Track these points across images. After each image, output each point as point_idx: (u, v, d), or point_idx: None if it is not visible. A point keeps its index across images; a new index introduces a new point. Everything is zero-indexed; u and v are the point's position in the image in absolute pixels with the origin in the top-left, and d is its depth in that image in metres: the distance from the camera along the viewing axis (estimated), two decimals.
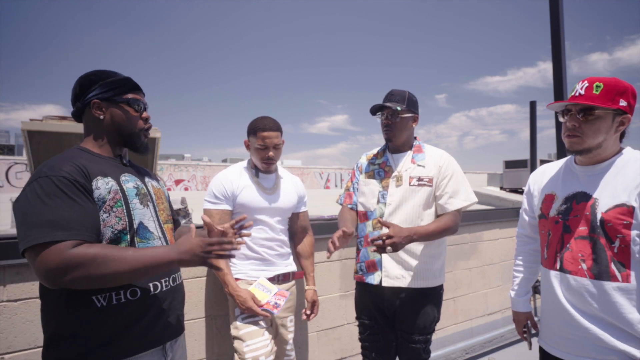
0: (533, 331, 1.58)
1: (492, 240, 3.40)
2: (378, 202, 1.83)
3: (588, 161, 1.29)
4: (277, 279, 1.88)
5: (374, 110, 1.84)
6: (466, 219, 3.20)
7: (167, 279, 1.20)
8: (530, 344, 1.58)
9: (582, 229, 1.24)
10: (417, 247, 1.77)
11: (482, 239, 3.34)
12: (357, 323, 1.98)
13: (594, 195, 1.24)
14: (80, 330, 1.04)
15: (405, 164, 1.84)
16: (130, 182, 1.17)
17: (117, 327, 1.07)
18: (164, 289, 1.19)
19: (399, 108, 1.76)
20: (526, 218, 1.55)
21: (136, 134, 1.23)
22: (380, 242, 1.55)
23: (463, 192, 1.80)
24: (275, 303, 1.73)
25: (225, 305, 1.99)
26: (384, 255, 1.78)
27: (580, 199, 1.27)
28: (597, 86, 1.20)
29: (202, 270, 2.03)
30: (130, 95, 1.21)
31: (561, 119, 1.30)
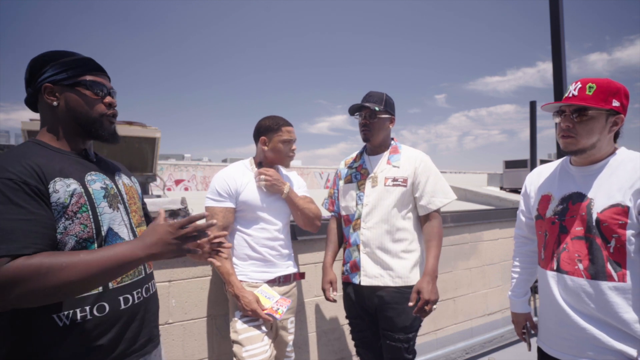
0: (532, 332, 1.57)
1: (492, 240, 3.40)
2: (356, 204, 1.90)
3: (583, 162, 1.30)
4: (278, 281, 1.88)
5: (353, 110, 1.91)
6: (466, 219, 3.20)
7: (139, 290, 1.07)
8: (529, 345, 1.58)
9: (578, 229, 1.25)
10: (393, 246, 1.83)
11: (482, 239, 3.33)
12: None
13: (590, 196, 1.25)
14: (37, 353, 0.91)
15: (381, 165, 1.90)
16: (97, 182, 1.03)
17: (82, 346, 0.95)
18: (136, 301, 1.06)
19: (377, 108, 1.82)
20: (523, 219, 1.56)
21: (96, 119, 1.05)
22: (421, 310, 1.73)
23: (441, 190, 1.87)
24: (278, 309, 1.74)
25: (226, 305, 1.99)
26: (363, 255, 1.85)
27: (576, 200, 1.28)
28: (590, 87, 1.22)
29: (202, 270, 2.03)
30: (88, 77, 1.05)
31: (555, 120, 1.31)
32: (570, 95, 1.25)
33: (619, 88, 1.22)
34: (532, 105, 7.19)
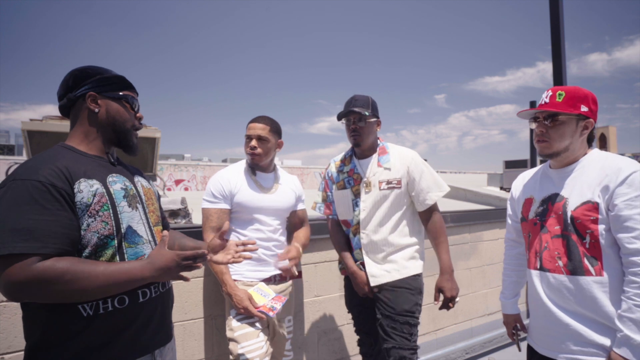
0: (521, 333, 1.61)
1: (492, 240, 3.40)
2: (353, 210, 1.91)
3: (559, 164, 1.38)
4: (274, 280, 1.88)
5: (341, 116, 1.89)
6: (466, 219, 3.20)
7: (156, 285, 1.15)
8: (518, 346, 1.62)
9: (557, 228, 1.32)
10: (393, 246, 1.86)
11: (482, 239, 3.33)
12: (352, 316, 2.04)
13: (565, 195, 1.32)
14: (64, 339, 0.99)
15: (372, 169, 1.90)
16: (118, 184, 1.11)
17: (103, 336, 1.03)
18: (153, 295, 1.14)
19: (367, 113, 1.82)
20: (510, 222, 1.62)
21: (129, 130, 1.19)
22: (445, 306, 1.83)
23: (434, 184, 1.89)
24: (272, 306, 1.74)
25: (224, 305, 1.99)
26: (366, 258, 1.88)
27: (554, 200, 1.35)
28: (559, 94, 1.32)
29: (201, 270, 2.03)
30: (127, 92, 1.19)
31: (531, 127, 1.40)
32: (543, 102, 1.35)
33: (587, 94, 1.31)
34: (532, 105, 7.19)
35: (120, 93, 1.17)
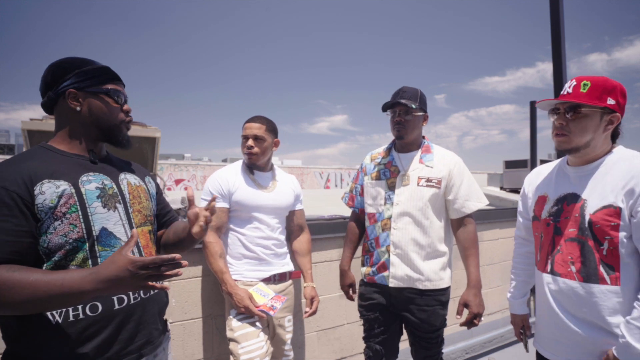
0: (528, 333, 1.58)
1: (492, 240, 3.40)
2: (385, 203, 1.82)
3: (578, 161, 1.27)
4: (274, 279, 1.88)
5: (387, 107, 1.81)
6: None
7: None
8: (526, 346, 1.58)
9: (572, 230, 1.22)
10: (424, 248, 1.76)
11: (482, 239, 3.33)
12: (360, 322, 1.97)
13: (583, 196, 1.21)
14: (35, 348, 0.93)
15: (413, 164, 1.81)
16: (92, 183, 1.03)
17: (75, 345, 0.95)
18: (132, 302, 1.05)
19: (413, 106, 1.73)
20: (521, 220, 1.54)
21: (116, 126, 1.11)
22: (469, 323, 1.75)
23: (475, 194, 1.81)
24: (272, 306, 1.74)
25: (224, 305, 1.99)
26: (393, 257, 1.78)
27: (571, 200, 1.25)
28: (584, 84, 1.19)
29: (200, 270, 2.03)
30: (110, 86, 1.10)
31: (550, 118, 1.28)
32: (565, 93, 1.22)
33: (615, 86, 1.18)
34: (532, 105, 7.19)
35: (103, 87, 1.08)
